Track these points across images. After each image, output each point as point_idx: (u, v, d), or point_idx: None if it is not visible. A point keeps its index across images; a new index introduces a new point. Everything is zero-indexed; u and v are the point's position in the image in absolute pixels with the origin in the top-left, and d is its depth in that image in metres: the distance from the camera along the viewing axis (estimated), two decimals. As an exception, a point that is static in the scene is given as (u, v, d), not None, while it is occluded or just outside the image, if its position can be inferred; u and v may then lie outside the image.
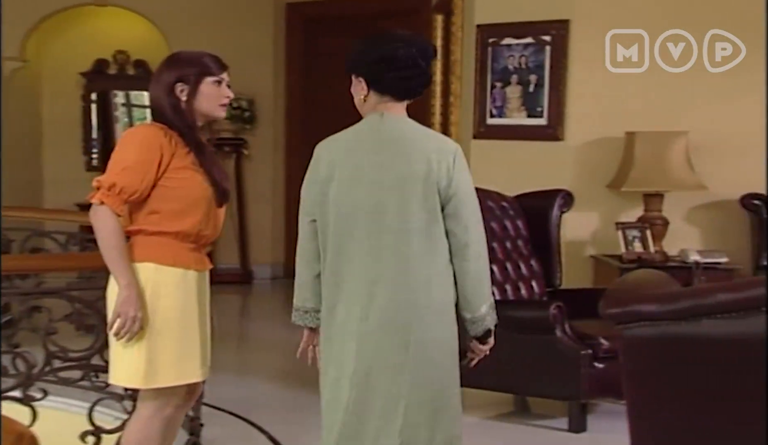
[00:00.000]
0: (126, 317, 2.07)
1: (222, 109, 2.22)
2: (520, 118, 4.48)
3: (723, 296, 1.26)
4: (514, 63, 4.47)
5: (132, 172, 2.09)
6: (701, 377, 1.31)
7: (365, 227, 1.96)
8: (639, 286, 1.60)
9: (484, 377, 3.53)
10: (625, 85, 4.22)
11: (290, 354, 3.34)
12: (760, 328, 1.18)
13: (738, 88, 4.09)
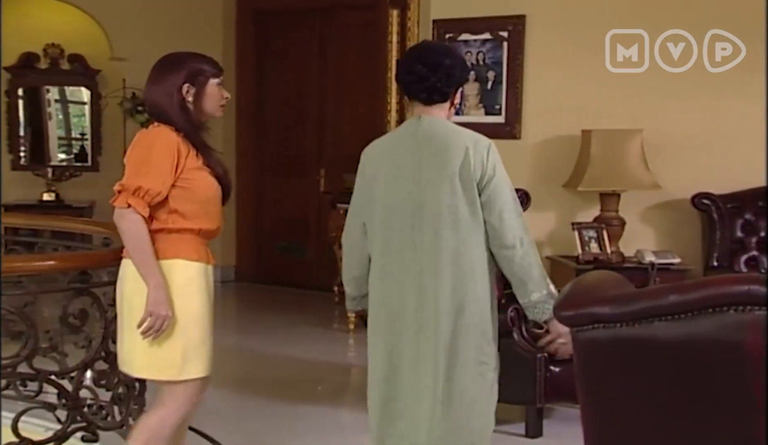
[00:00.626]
0: (157, 317, 2.19)
1: (221, 110, 2.39)
2: (478, 115, 4.50)
3: (674, 298, 1.27)
4: (471, 59, 4.49)
5: (154, 174, 2.20)
6: (654, 380, 1.32)
7: (409, 222, 2.19)
8: (594, 288, 1.60)
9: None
10: (582, 83, 4.28)
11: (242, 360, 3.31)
12: (709, 329, 1.19)
13: (690, 87, 4.18)
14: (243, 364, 4.51)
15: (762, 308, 1.15)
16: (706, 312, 1.21)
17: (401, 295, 2.21)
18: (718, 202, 4.06)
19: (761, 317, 1.15)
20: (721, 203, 4.06)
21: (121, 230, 2.23)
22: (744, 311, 1.17)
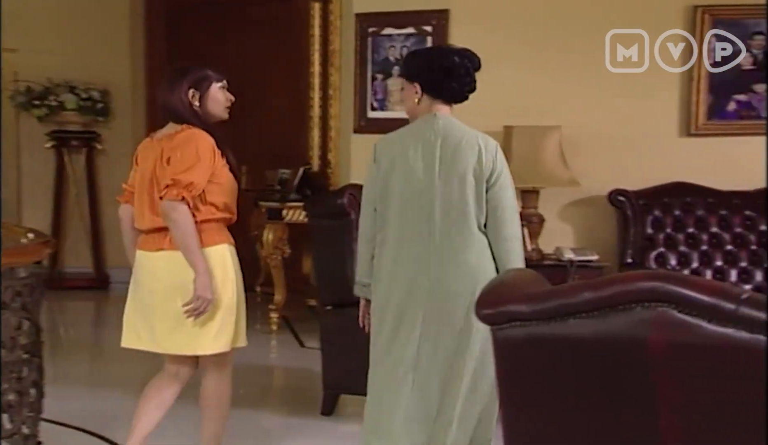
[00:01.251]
0: (203, 301, 2.55)
1: (226, 111, 2.77)
2: (401, 111, 4.51)
3: (587, 295, 1.29)
4: (395, 54, 4.50)
5: (199, 170, 2.57)
6: (569, 377, 1.35)
7: (424, 214, 2.43)
8: (512, 286, 1.63)
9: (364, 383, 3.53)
10: (505, 79, 4.36)
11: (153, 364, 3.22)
12: (619, 326, 1.22)
13: (604, 85, 4.32)
14: (154, 368, 4.39)
15: (667, 304, 1.18)
16: (615, 309, 1.23)
17: (413, 282, 2.43)
18: (632, 198, 4.20)
19: (666, 313, 1.18)
20: (634, 200, 4.19)
21: (173, 219, 2.54)
22: (650, 307, 1.20)
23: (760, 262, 4.10)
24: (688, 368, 1.18)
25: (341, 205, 3.58)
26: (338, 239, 3.62)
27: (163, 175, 2.61)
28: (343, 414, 3.71)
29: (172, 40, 6.53)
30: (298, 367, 4.49)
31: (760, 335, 1.09)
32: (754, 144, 4.29)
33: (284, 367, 4.75)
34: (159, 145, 2.69)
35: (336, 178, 5.24)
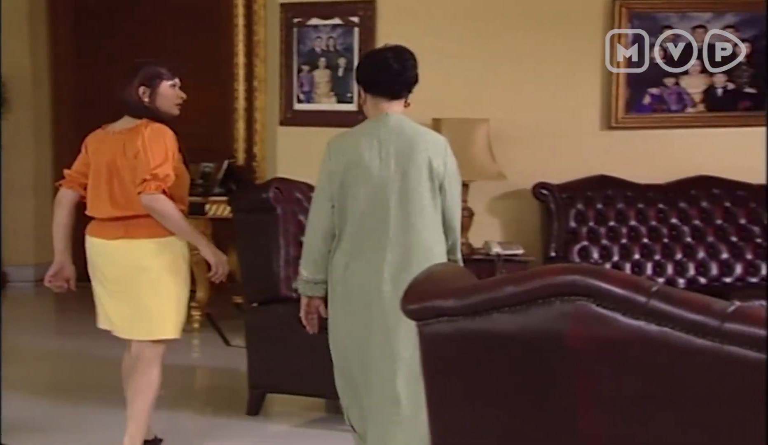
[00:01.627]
0: (221, 263, 2.94)
1: (177, 108, 2.99)
2: (329, 103, 4.52)
3: (510, 289, 1.32)
4: (321, 45, 4.49)
5: (170, 163, 2.81)
6: (493, 373, 1.38)
7: (379, 208, 2.57)
8: (438, 280, 1.65)
9: (291, 381, 3.54)
10: (433, 71, 4.41)
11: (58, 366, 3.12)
12: (540, 320, 1.26)
13: (531, 78, 4.44)
14: (59, 369, 4.28)
15: (585, 297, 1.22)
16: (537, 303, 1.27)
17: (371, 274, 2.55)
18: (555, 192, 4.31)
19: (584, 307, 1.22)
20: (557, 193, 4.31)
21: (160, 211, 2.78)
22: (569, 301, 1.24)
23: (672, 255, 4.26)
24: (605, 362, 1.23)
25: (267, 199, 3.56)
26: (264, 234, 3.60)
27: (131, 168, 2.80)
28: (269, 414, 3.70)
29: (79, 29, 6.27)
30: (223, 366, 4.44)
31: (667, 327, 1.15)
32: (668, 137, 4.48)
33: (208, 366, 4.68)
34: (119, 138, 2.87)
35: (262, 171, 5.20)
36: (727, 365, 1.16)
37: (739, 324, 1.13)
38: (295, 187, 3.73)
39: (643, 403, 1.24)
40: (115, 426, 3.16)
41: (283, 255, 3.56)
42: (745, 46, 4.36)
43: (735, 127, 4.43)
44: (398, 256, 2.56)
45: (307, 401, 3.72)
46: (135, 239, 2.83)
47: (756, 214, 4.24)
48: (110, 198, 2.85)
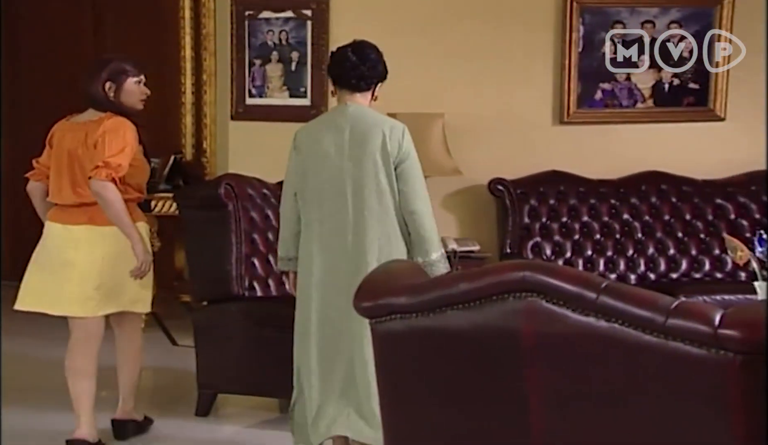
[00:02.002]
0: (146, 262, 3.09)
1: (141, 104, 3.19)
2: (282, 98, 4.50)
3: (464, 286, 1.35)
4: (274, 38, 4.47)
5: (126, 155, 3.01)
6: (447, 371, 1.40)
7: (335, 192, 2.75)
8: (391, 278, 1.66)
9: (243, 381, 3.53)
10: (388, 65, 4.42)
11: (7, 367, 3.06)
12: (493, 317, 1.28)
13: (486, 73, 4.49)
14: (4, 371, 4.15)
15: (536, 294, 1.26)
16: (490, 300, 1.30)
17: (333, 253, 2.75)
18: (510, 187, 4.37)
19: (535, 303, 1.25)
20: (512, 189, 4.36)
21: (106, 198, 2.96)
22: (521, 297, 1.27)
23: (624, 251, 4.35)
24: (556, 359, 1.26)
25: (218, 195, 3.53)
26: (215, 232, 3.57)
27: (90, 157, 2.99)
28: (220, 415, 3.67)
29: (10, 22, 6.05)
30: (170, 366, 4.38)
31: (616, 324, 1.19)
32: (619, 132, 4.58)
33: (154, 367, 4.61)
34: (82, 128, 3.06)
35: (212, 167, 5.14)
36: (672, 360, 1.20)
37: (682, 320, 1.18)
38: (247, 183, 3.71)
39: (595, 399, 1.27)
40: (69, 427, 3.11)
41: (235, 252, 3.54)
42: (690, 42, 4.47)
43: (680, 122, 4.55)
44: (356, 241, 2.73)
45: (260, 401, 3.71)
46: (98, 226, 3.02)
47: (700, 209, 4.36)
48: (72, 185, 3.04)
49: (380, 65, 2.87)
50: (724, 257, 4.17)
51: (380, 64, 2.87)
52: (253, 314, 3.46)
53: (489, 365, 1.32)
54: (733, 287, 3.94)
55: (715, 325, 1.17)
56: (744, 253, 2.75)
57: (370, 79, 2.84)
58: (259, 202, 3.75)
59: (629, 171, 4.47)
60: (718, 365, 1.16)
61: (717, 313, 1.19)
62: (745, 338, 1.14)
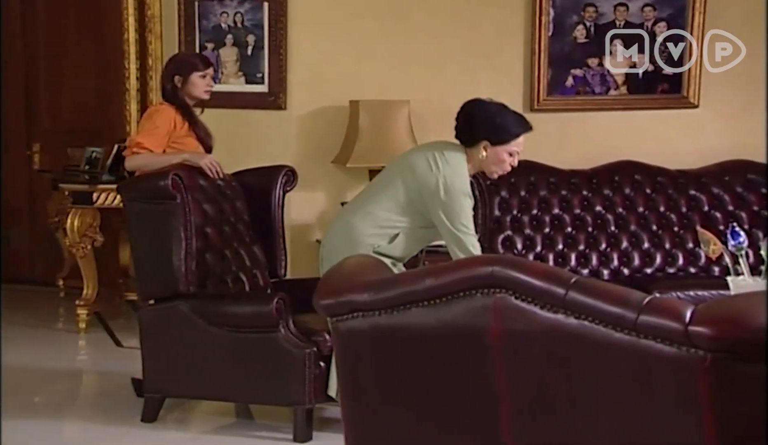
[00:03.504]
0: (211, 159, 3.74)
1: (206, 94, 3.76)
2: (238, 84, 4.48)
3: (430, 282, 1.37)
4: (228, 21, 4.43)
5: (150, 135, 3.63)
6: (412, 371, 1.41)
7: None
8: (352, 274, 1.67)
9: (195, 384, 3.51)
10: (350, 50, 4.43)
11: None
12: (460, 314, 1.30)
13: (453, 58, 4.52)
14: None
15: (505, 290, 1.28)
16: (457, 296, 1.31)
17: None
18: (480, 178, 4.39)
19: (503, 300, 1.27)
20: (482, 180, 4.39)
21: (135, 166, 3.66)
22: (489, 294, 1.29)
23: (597, 244, 4.41)
24: (525, 357, 1.28)
25: (165, 187, 3.49)
26: (162, 225, 3.54)
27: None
28: (168, 421, 3.65)
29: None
30: (114, 369, 4.33)
31: (585, 321, 1.22)
32: (591, 120, 4.64)
33: (97, 370, 4.57)
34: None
35: (161, 157, 5.08)
36: (643, 359, 1.23)
37: (653, 317, 1.21)
38: (198, 173, 3.68)
39: (565, 399, 1.30)
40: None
41: (184, 247, 3.51)
42: (663, 25, 4.55)
43: (654, 110, 4.63)
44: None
45: (214, 406, 3.70)
46: None
47: (674, 201, 4.45)
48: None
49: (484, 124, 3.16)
50: (698, 251, 4.26)
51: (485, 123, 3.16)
52: (205, 313, 3.45)
53: (456, 365, 1.34)
54: (707, 283, 4.03)
55: (686, 322, 1.20)
56: (717, 247, 2.82)
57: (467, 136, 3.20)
58: (213, 194, 3.73)
59: (602, 160, 4.53)
60: (689, 363, 1.19)
61: (688, 309, 1.22)
62: (716, 336, 1.17)
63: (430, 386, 1.43)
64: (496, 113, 3.18)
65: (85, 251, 5.02)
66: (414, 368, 1.44)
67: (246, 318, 3.40)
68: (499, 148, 3.16)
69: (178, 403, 3.75)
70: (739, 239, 2.75)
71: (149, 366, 3.56)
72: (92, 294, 5.06)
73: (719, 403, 1.19)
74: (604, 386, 1.29)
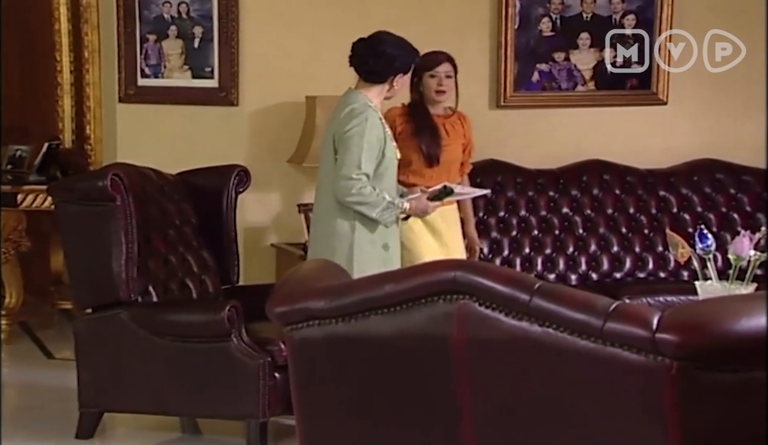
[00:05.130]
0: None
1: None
2: (183, 79, 4.44)
3: (390, 287, 1.39)
4: (171, 11, 4.39)
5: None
6: (370, 381, 1.43)
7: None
8: (308, 279, 1.68)
9: (136, 398, 3.49)
10: (306, 43, 4.43)
11: None
12: (421, 321, 1.32)
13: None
14: None
15: (468, 296, 1.30)
16: (418, 303, 1.33)
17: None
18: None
19: (467, 306, 1.29)
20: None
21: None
22: (452, 300, 1.30)
23: (564, 249, 4.47)
24: (489, 366, 1.31)
25: (104, 188, 3.46)
26: (100, 229, 3.50)
27: None
28: (107, 437, 3.62)
29: None
30: (44, 383, 4.27)
31: (550, 328, 1.25)
32: (558, 117, 4.70)
33: (23, 383, 4.48)
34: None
35: (98, 155, 5.03)
36: (609, 367, 1.26)
37: (620, 323, 1.24)
38: (141, 174, 3.65)
39: (530, 409, 1.33)
40: None
41: (126, 253, 3.48)
42: (632, 18, 4.63)
43: (622, 106, 4.71)
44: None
45: (157, 420, 3.67)
46: None
47: (643, 202, 4.53)
48: None
49: (370, 54, 3.40)
50: (668, 255, 4.35)
51: (371, 52, 3.39)
52: (148, 322, 3.42)
53: (416, 375, 1.36)
54: (677, 287, 4.12)
55: (653, 329, 1.24)
56: (685, 250, 2.89)
57: (359, 69, 3.43)
58: (157, 197, 3.70)
59: (569, 158, 4.58)
60: (655, 372, 1.23)
61: (655, 316, 1.26)
62: (682, 343, 1.21)
63: (389, 398, 1.44)
64: (394, 43, 3.45)
65: (8, 256, 4.94)
66: (373, 379, 1.46)
67: (194, 327, 3.39)
68: (406, 76, 3.49)
69: (118, 418, 3.72)
70: (706, 242, 2.83)
71: (85, 379, 3.52)
72: (16, 303, 4.97)
73: (685, 413, 1.23)
74: (569, 395, 1.32)
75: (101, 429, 3.57)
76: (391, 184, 3.45)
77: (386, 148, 3.40)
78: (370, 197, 3.30)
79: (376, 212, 3.31)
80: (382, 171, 3.38)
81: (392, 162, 3.46)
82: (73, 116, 5.20)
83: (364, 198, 3.30)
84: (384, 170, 3.39)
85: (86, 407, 3.51)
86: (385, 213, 3.34)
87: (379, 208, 3.32)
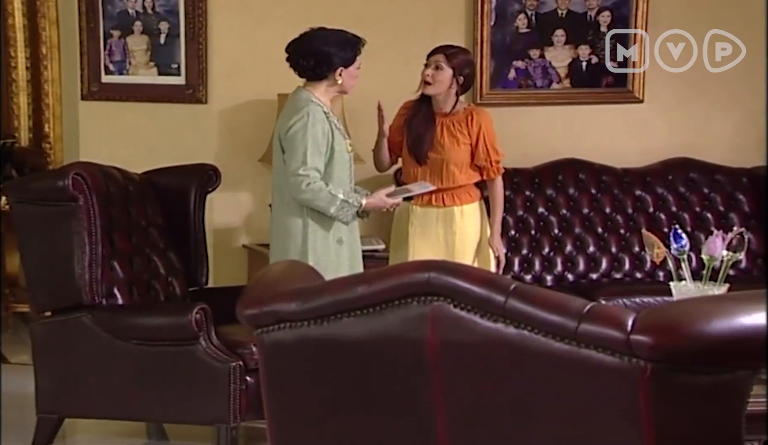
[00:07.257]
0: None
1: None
2: (149, 75, 4.42)
3: (362, 289, 1.40)
4: (136, 6, 4.37)
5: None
6: (343, 386, 1.44)
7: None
8: (279, 281, 1.69)
9: (98, 403, 3.47)
10: (275, 41, 4.42)
11: None
12: (394, 324, 1.34)
13: (388, 51, 4.55)
14: None
15: (442, 298, 1.31)
16: (392, 305, 1.34)
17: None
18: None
19: (441, 308, 1.31)
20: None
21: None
22: (426, 302, 1.32)
23: (540, 249, 4.51)
24: (463, 368, 1.32)
25: (64, 187, 3.44)
26: (60, 230, 3.49)
27: None
28: (67, 444, 3.59)
29: None
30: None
31: (525, 330, 1.27)
32: (533, 115, 4.74)
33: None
34: None
35: (58, 154, 4.99)
36: (583, 370, 1.28)
37: (595, 325, 1.26)
38: (104, 173, 3.64)
39: (505, 412, 1.35)
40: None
41: (89, 254, 3.47)
42: (607, 15, 4.67)
43: (598, 104, 4.76)
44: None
45: (122, 426, 3.66)
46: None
47: (619, 201, 4.59)
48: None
49: (306, 50, 3.46)
50: (644, 255, 4.42)
51: (306, 48, 3.46)
52: (111, 325, 3.42)
53: (390, 379, 1.37)
54: (653, 288, 4.18)
55: (628, 330, 1.27)
56: (660, 250, 2.94)
57: (295, 66, 3.50)
58: (119, 196, 3.69)
59: (544, 157, 4.62)
60: (629, 374, 1.25)
61: (630, 317, 1.29)
62: (656, 344, 1.23)
63: (362, 402, 1.46)
64: (327, 39, 3.52)
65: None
66: (346, 382, 1.47)
67: (161, 330, 3.39)
68: (351, 68, 3.53)
69: (80, 424, 3.70)
70: (681, 242, 2.87)
71: (43, 384, 3.51)
72: (-33, 306, 4.92)
73: (659, 416, 1.25)
74: (544, 398, 1.34)
75: (61, 435, 3.55)
76: (342, 178, 3.47)
77: (335, 141, 3.43)
78: (321, 193, 3.34)
79: (332, 210, 3.36)
80: (332, 165, 3.41)
81: (342, 156, 3.47)
82: (30, 114, 5.16)
83: (315, 194, 3.34)
84: (334, 164, 3.42)
85: (44, 412, 3.50)
86: (341, 211, 3.39)
87: (334, 206, 3.37)
